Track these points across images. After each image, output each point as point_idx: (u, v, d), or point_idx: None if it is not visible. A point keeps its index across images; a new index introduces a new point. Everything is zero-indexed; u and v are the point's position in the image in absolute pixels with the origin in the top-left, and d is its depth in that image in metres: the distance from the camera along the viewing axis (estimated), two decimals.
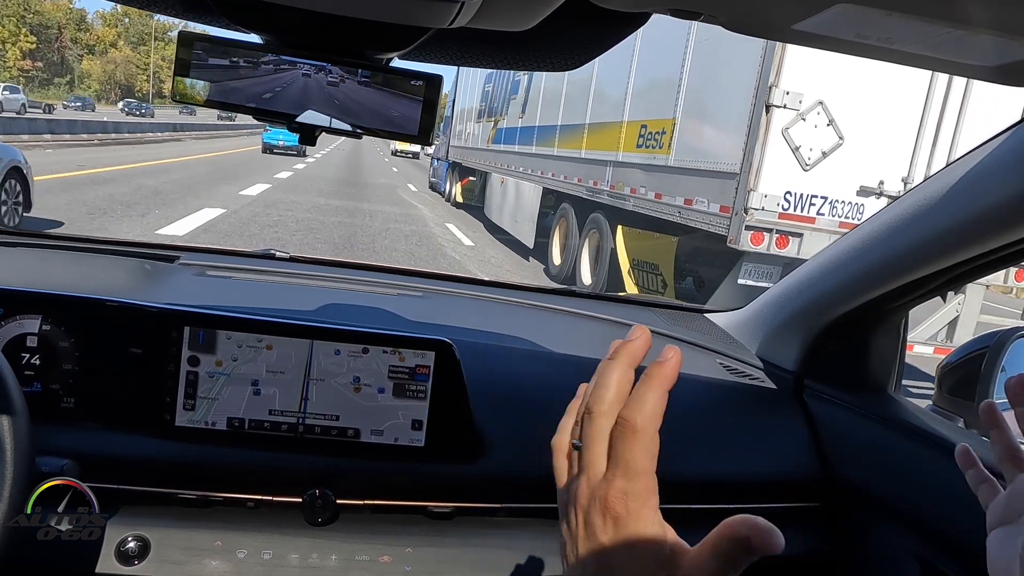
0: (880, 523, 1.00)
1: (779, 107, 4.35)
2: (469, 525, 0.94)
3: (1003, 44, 0.51)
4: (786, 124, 4.38)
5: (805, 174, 4.49)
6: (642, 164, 5.96)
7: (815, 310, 1.10)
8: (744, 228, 4.53)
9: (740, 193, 4.57)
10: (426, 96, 0.68)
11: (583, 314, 1.44)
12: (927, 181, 0.88)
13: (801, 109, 4.37)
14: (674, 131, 5.46)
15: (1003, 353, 1.02)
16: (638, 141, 6.07)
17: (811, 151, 4.44)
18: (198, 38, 0.66)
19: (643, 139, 5.99)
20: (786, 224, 4.53)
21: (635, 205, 6.01)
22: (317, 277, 1.40)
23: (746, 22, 0.57)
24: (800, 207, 4.55)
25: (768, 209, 4.50)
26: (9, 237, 1.32)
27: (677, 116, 5.44)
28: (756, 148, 4.45)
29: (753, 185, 4.47)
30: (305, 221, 9.43)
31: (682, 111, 5.40)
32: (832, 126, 4.42)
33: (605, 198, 6.64)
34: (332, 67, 0.67)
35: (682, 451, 1.06)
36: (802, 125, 4.40)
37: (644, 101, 6.10)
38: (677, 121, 5.44)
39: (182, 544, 0.84)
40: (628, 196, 6.12)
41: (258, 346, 0.88)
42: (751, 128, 4.51)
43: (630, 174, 6.17)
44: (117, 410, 0.88)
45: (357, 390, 0.90)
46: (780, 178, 4.46)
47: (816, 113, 4.40)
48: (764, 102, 4.39)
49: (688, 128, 5.36)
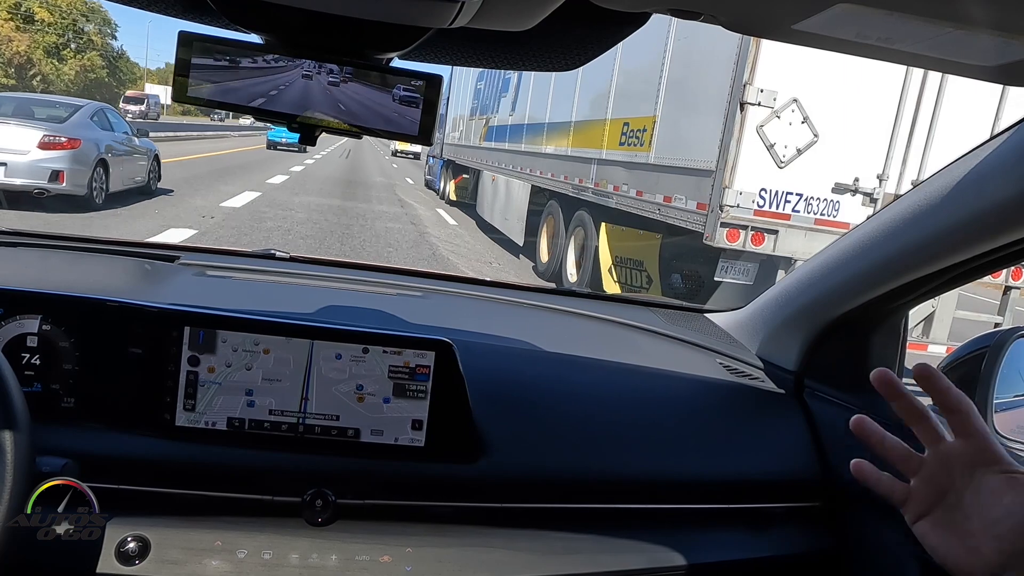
0: (880, 523, 1.00)
1: (754, 104, 4.37)
2: (469, 525, 0.94)
3: (1003, 44, 0.51)
4: (761, 122, 4.41)
5: (780, 171, 4.52)
6: (625, 162, 6.00)
7: (815, 310, 1.10)
8: (720, 225, 4.56)
9: (716, 190, 4.60)
10: (426, 96, 0.68)
11: (583, 314, 1.44)
12: (927, 181, 0.88)
13: (776, 107, 4.40)
14: (655, 129, 5.47)
15: (1003, 353, 1.02)
16: (621, 139, 6.10)
17: (786, 148, 4.47)
18: (198, 38, 0.66)
19: (626, 136, 6.02)
20: (761, 221, 4.58)
21: (618, 203, 6.04)
22: (317, 277, 1.40)
23: (746, 22, 0.57)
24: (775, 204, 4.59)
25: (743, 206, 4.53)
26: (9, 237, 1.31)
27: (658, 113, 5.45)
28: (731, 145, 4.47)
29: (728, 182, 4.50)
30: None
31: (662, 108, 5.41)
32: (807, 123, 4.45)
33: (590, 196, 6.66)
34: (332, 67, 0.67)
35: (682, 451, 1.06)
36: (777, 123, 4.43)
37: (627, 98, 6.11)
38: (658, 118, 5.44)
39: (182, 544, 0.84)
40: (611, 194, 6.15)
41: (258, 346, 0.88)
42: (726, 126, 4.54)
43: (613, 172, 6.20)
44: (117, 410, 0.88)
45: (361, 399, 0.90)
46: (755, 175, 4.50)
47: (791, 111, 4.42)
48: (739, 100, 4.41)
49: (668, 125, 5.37)
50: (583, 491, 0.99)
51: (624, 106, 6.15)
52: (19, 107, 8.61)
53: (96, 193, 8.39)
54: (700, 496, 1.04)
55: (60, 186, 7.73)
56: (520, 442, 0.97)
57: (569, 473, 0.98)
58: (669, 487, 1.02)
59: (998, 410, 1.02)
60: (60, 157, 7.76)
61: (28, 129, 7.80)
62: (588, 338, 1.33)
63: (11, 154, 7.50)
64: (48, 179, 7.67)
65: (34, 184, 7.62)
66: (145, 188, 10.16)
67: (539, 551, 0.93)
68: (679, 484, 1.03)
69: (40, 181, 7.64)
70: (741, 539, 1.04)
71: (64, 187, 7.76)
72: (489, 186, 10.98)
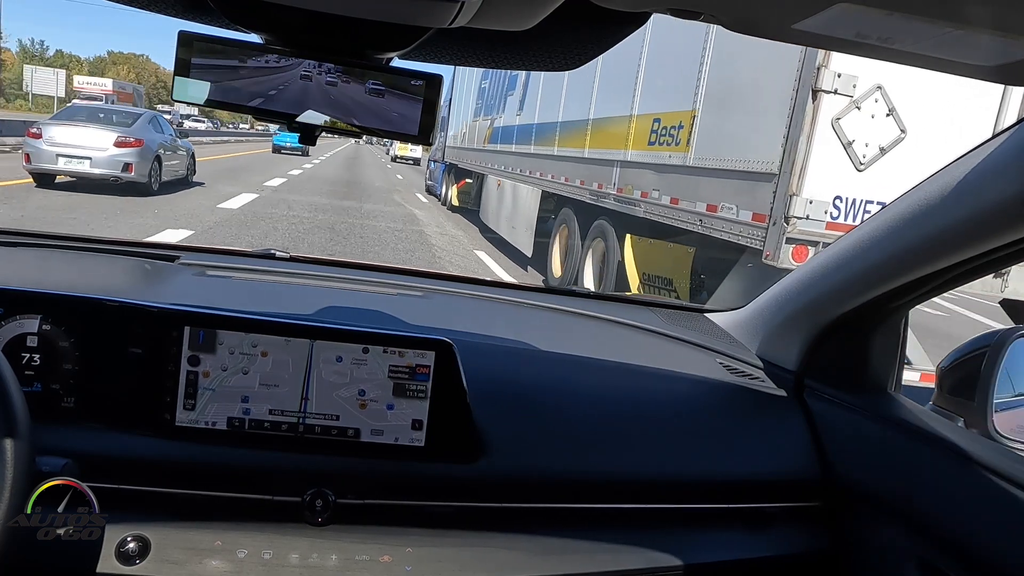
0: (880, 523, 1.00)
1: (829, 92, 3.46)
2: (469, 525, 0.94)
3: (1003, 44, 0.51)
4: (837, 114, 3.51)
5: (859, 175, 3.60)
6: (655, 164, 5.08)
7: (815, 310, 1.10)
8: (784, 241, 3.59)
9: (779, 198, 3.67)
10: (426, 96, 0.68)
11: (583, 314, 1.44)
12: (927, 181, 0.88)
13: (856, 95, 3.49)
14: (694, 124, 4.52)
15: (1003, 352, 1.02)
16: (650, 137, 5.16)
17: (867, 147, 3.56)
18: (198, 38, 0.66)
19: (656, 135, 5.07)
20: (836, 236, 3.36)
21: (646, 211, 5.16)
22: (317, 277, 1.40)
23: (746, 22, 0.57)
24: (852, 215, 3.61)
25: (814, 218, 3.57)
26: (9, 237, 1.31)
27: (698, 106, 4.49)
28: (800, 143, 3.55)
29: (796, 189, 3.58)
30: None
31: (704, 100, 4.45)
32: (892, 116, 3.54)
33: (611, 202, 5.80)
34: (332, 66, 0.67)
35: (682, 451, 1.06)
36: (856, 115, 3.53)
37: (657, 90, 5.18)
38: (698, 112, 4.49)
39: (182, 544, 0.84)
40: (638, 201, 5.27)
41: (258, 347, 0.88)
42: (793, 118, 3.61)
43: (640, 175, 5.32)
44: (117, 410, 0.88)
45: (363, 406, 0.90)
46: (829, 180, 3.59)
47: (873, 100, 3.52)
48: (810, 86, 3.50)
49: (712, 120, 4.40)
50: (583, 491, 0.99)
51: (654, 99, 5.20)
52: (91, 115, 11.07)
53: (153, 181, 10.90)
54: (700, 496, 1.04)
55: (130, 175, 10.25)
56: (520, 442, 0.97)
57: (569, 473, 0.98)
58: (668, 487, 1.02)
59: (998, 410, 1.02)
60: (129, 153, 10.27)
61: (105, 131, 10.27)
62: (588, 338, 1.33)
63: (94, 151, 10.00)
64: (121, 169, 10.16)
65: (111, 173, 10.10)
66: (184, 179, 12.72)
67: (539, 551, 0.93)
68: (678, 484, 1.03)
69: (115, 171, 10.12)
70: (740, 539, 1.04)
71: (132, 176, 10.28)
72: (494, 191, 10.43)
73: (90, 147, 9.99)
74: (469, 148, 12.26)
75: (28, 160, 9.96)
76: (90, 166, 9.99)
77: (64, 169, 10.03)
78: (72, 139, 9.94)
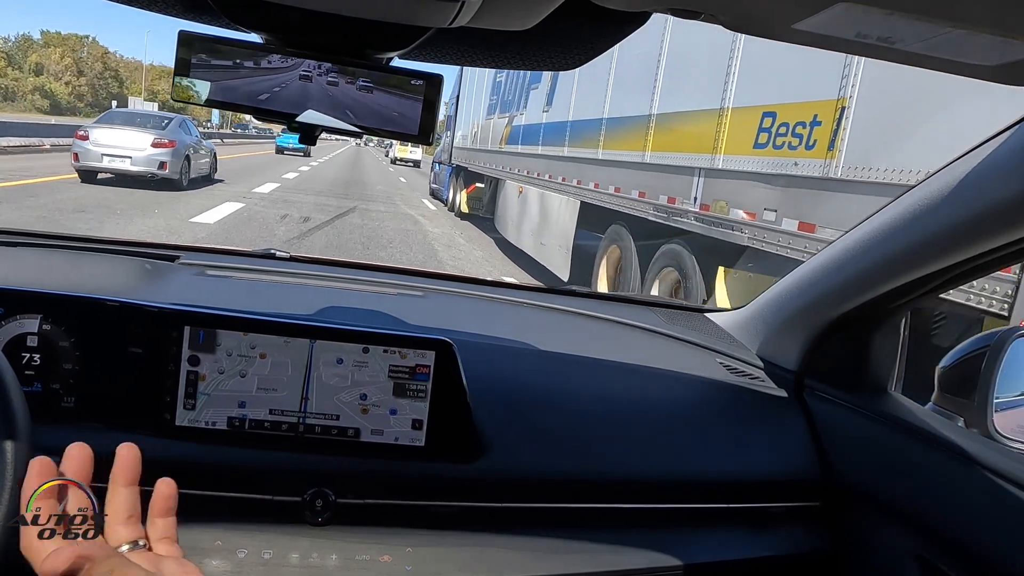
0: (880, 522, 1.00)
1: None
2: (469, 525, 0.94)
3: (1003, 44, 0.51)
4: None
5: None
6: (768, 174, 3.65)
7: (815, 309, 1.10)
8: None
9: None
10: (426, 96, 0.68)
11: (584, 314, 1.44)
12: (927, 181, 0.88)
13: None
14: (842, 120, 3.12)
15: (1003, 352, 1.02)
16: (759, 138, 3.74)
17: None
18: (198, 38, 0.66)
19: (770, 134, 3.66)
20: None
21: (753, 238, 3.73)
22: (317, 277, 1.40)
23: (746, 22, 0.57)
24: None
25: None
26: (9, 237, 1.31)
27: (851, 93, 3.08)
28: None
29: None
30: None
31: (861, 84, 3.04)
32: None
33: (690, 222, 4.38)
34: (332, 66, 0.67)
35: (683, 451, 1.06)
36: None
37: (769, 73, 3.71)
38: (851, 102, 3.08)
39: (182, 543, 0.84)
40: (740, 224, 3.85)
41: (258, 346, 0.88)
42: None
43: (741, 189, 3.90)
44: (117, 410, 0.88)
45: (365, 411, 0.90)
46: None
47: None
48: None
49: (876, 113, 2.98)
50: (583, 491, 0.99)
51: (763, 85, 3.76)
52: (127, 119, 12.88)
53: (184, 177, 12.56)
54: (700, 496, 1.04)
55: (164, 172, 11.90)
56: (520, 442, 0.97)
57: (569, 473, 0.98)
58: (669, 487, 1.03)
59: (998, 409, 1.02)
60: (164, 152, 11.94)
61: (143, 133, 11.97)
62: (588, 338, 1.33)
63: (134, 151, 11.71)
64: (157, 167, 11.84)
65: (148, 171, 11.80)
66: (208, 177, 14.57)
67: (539, 551, 0.93)
68: (679, 484, 1.03)
69: (152, 169, 11.82)
70: (741, 539, 1.04)
71: (167, 173, 11.93)
72: (514, 200, 8.98)
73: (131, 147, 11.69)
74: (482, 149, 10.89)
75: (76, 159, 11.56)
76: (130, 164, 11.70)
77: (108, 167, 11.69)
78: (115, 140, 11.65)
